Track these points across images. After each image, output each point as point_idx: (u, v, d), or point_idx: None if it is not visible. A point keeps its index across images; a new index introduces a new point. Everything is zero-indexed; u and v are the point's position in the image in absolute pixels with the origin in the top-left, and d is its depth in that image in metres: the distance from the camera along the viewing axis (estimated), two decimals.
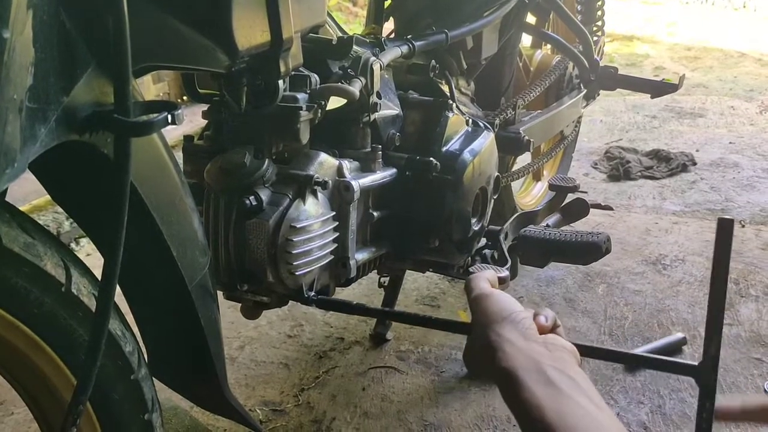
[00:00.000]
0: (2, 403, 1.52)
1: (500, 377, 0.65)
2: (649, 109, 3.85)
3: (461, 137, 1.30)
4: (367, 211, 1.19)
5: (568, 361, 0.66)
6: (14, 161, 0.55)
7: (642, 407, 1.50)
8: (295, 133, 1.01)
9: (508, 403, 0.64)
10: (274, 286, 1.05)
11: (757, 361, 1.65)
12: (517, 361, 0.64)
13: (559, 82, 1.99)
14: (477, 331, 0.72)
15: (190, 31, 0.76)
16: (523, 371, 0.63)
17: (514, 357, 0.65)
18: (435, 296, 1.97)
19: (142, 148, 0.73)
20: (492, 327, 0.69)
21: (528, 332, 0.68)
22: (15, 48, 0.53)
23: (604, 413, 0.60)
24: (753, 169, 2.96)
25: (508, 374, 0.64)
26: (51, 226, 2.23)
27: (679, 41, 5.86)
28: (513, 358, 0.65)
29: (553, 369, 0.63)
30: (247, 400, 1.54)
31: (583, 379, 0.64)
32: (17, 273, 0.65)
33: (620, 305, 1.91)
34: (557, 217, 1.74)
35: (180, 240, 0.80)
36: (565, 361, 0.65)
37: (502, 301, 0.72)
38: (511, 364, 0.64)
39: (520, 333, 0.68)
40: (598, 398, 0.62)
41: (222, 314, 0.95)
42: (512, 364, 0.64)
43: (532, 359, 0.64)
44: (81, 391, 0.67)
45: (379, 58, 1.17)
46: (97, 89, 0.65)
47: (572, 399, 0.60)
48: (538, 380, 0.62)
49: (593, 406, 0.60)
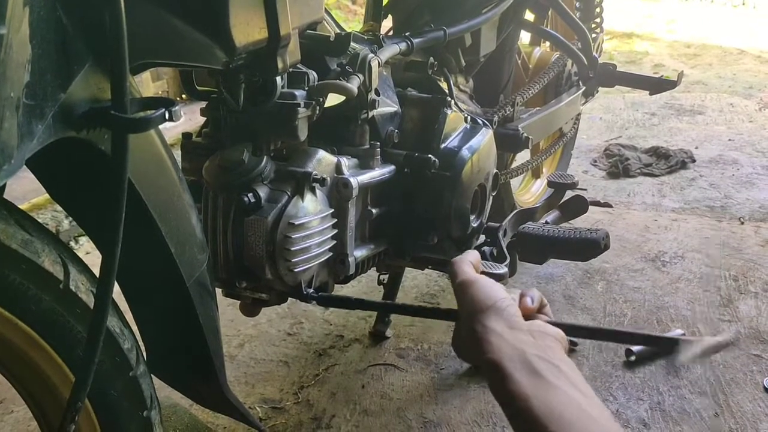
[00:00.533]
0: (2, 402, 1.53)
1: (486, 368, 0.65)
2: (648, 107, 3.85)
3: (460, 134, 1.30)
4: (366, 208, 1.19)
5: (554, 348, 0.65)
6: (11, 158, 0.55)
7: (641, 404, 1.50)
8: (293, 130, 1.01)
9: (495, 394, 0.64)
10: (273, 283, 1.05)
11: (756, 357, 1.65)
12: (502, 352, 0.64)
13: (558, 79, 1.99)
14: (463, 319, 0.72)
15: (187, 28, 0.76)
16: (508, 361, 0.63)
17: (499, 347, 0.65)
18: (434, 293, 1.97)
19: (139, 144, 0.73)
20: (477, 317, 0.69)
21: (513, 320, 0.68)
22: (12, 45, 0.53)
23: (590, 400, 0.60)
24: (752, 166, 2.96)
25: (493, 365, 0.64)
26: (50, 224, 2.23)
27: (678, 38, 5.86)
28: (498, 349, 0.65)
29: (539, 358, 0.63)
30: (246, 398, 1.54)
31: (569, 366, 0.64)
32: (15, 270, 0.65)
33: (619, 302, 1.91)
34: (556, 214, 1.74)
35: (178, 237, 0.80)
36: (551, 349, 0.65)
37: (486, 289, 0.72)
38: (496, 355, 0.64)
39: (504, 322, 0.67)
40: (584, 385, 0.62)
41: (221, 312, 0.96)
42: (497, 355, 0.64)
43: (517, 349, 0.64)
44: (79, 388, 0.67)
45: (378, 55, 1.17)
46: (95, 86, 0.65)
47: (558, 388, 0.60)
48: (523, 370, 0.62)
49: (579, 394, 0.60)
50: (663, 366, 1.61)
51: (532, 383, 0.61)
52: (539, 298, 0.74)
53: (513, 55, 1.80)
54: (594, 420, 0.58)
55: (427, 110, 1.28)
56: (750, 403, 1.50)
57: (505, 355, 0.64)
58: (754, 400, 1.51)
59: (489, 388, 0.65)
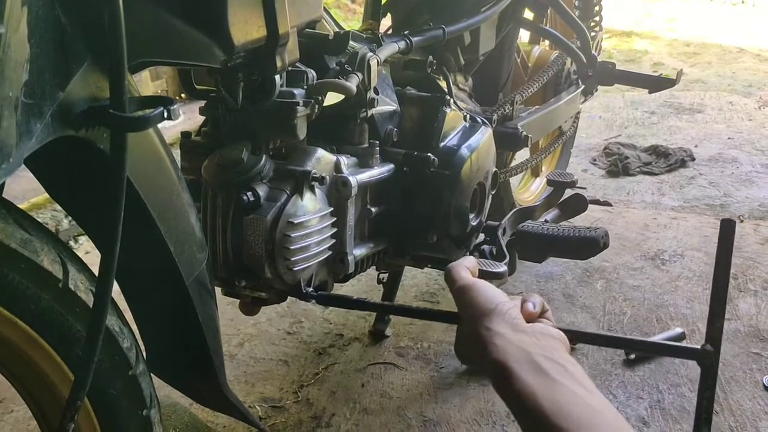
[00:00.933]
0: (2, 401, 1.53)
1: (492, 370, 0.65)
2: (647, 105, 3.85)
3: (459, 133, 1.30)
4: (365, 206, 1.19)
5: (558, 349, 0.66)
6: (9, 156, 0.55)
7: (641, 402, 1.50)
8: (292, 128, 1.01)
9: (502, 395, 0.64)
10: (272, 281, 1.05)
11: (755, 355, 1.65)
12: (507, 353, 0.65)
13: (557, 77, 2.00)
14: (465, 324, 0.72)
15: (185, 27, 0.76)
16: (514, 362, 0.64)
17: (505, 349, 0.65)
18: (434, 292, 1.97)
19: (138, 143, 0.73)
20: (480, 320, 0.69)
21: (516, 323, 0.68)
22: (10, 44, 0.53)
23: (597, 398, 0.61)
24: (751, 165, 2.96)
25: (499, 366, 0.64)
26: (50, 224, 2.23)
27: (678, 37, 5.86)
28: (503, 351, 0.65)
29: (544, 358, 0.64)
30: (246, 397, 1.54)
31: (574, 365, 0.64)
32: (14, 269, 0.65)
33: (619, 300, 1.91)
34: (555, 212, 1.74)
35: (177, 235, 0.80)
36: (555, 349, 0.66)
37: (486, 293, 0.72)
38: (502, 356, 0.65)
39: (508, 324, 0.68)
40: (590, 383, 0.63)
41: (221, 311, 0.96)
42: (503, 357, 0.65)
43: (522, 350, 0.65)
44: (79, 387, 0.67)
45: (376, 54, 1.17)
46: (93, 84, 0.65)
47: (565, 386, 0.61)
48: (529, 370, 0.62)
49: (586, 392, 0.61)
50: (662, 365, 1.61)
51: (538, 382, 0.61)
52: (541, 303, 0.75)
53: (512, 53, 1.80)
54: (601, 415, 0.59)
55: (427, 109, 1.28)
56: (749, 401, 1.50)
57: (510, 356, 0.64)
58: (753, 398, 1.51)
59: (495, 390, 0.66)
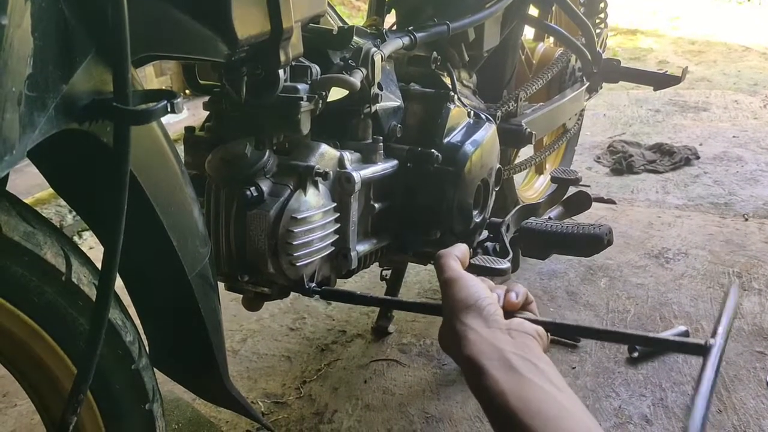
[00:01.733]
0: (6, 395, 1.53)
1: (464, 365, 0.66)
2: (652, 103, 3.84)
3: (463, 129, 1.30)
4: (369, 202, 1.19)
5: (531, 347, 0.66)
6: (13, 148, 0.55)
7: (644, 400, 1.50)
8: (295, 123, 1.01)
9: (473, 391, 0.65)
10: (275, 277, 1.05)
11: (759, 354, 1.64)
12: (479, 349, 0.65)
13: (562, 74, 1.99)
14: (445, 316, 0.72)
15: (189, 21, 0.76)
16: (485, 359, 0.64)
17: (477, 345, 0.65)
18: (437, 289, 1.97)
19: (141, 137, 0.73)
20: (458, 315, 0.69)
21: (492, 319, 0.68)
22: (14, 36, 0.53)
23: (567, 396, 0.61)
24: (756, 163, 2.95)
25: (471, 362, 0.65)
26: (54, 219, 2.24)
27: (683, 35, 5.84)
28: (476, 347, 0.65)
29: (516, 356, 0.64)
30: (249, 393, 1.54)
31: (546, 363, 0.64)
32: (17, 262, 0.65)
33: (622, 298, 1.90)
34: (559, 209, 1.73)
35: (180, 230, 0.80)
36: (528, 347, 0.66)
37: (468, 287, 0.72)
38: (474, 352, 0.65)
39: (483, 321, 0.68)
40: (561, 381, 0.63)
41: (224, 307, 0.95)
42: (475, 352, 0.65)
43: (494, 347, 0.65)
44: (81, 380, 0.67)
45: (381, 50, 1.16)
46: (97, 77, 0.65)
47: (535, 384, 0.61)
48: (500, 367, 0.62)
49: (556, 390, 0.61)
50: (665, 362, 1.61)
51: (508, 379, 0.61)
52: (524, 294, 0.75)
53: (516, 50, 1.79)
54: (570, 413, 0.59)
55: (430, 105, 1.28)
56: (753, 400, 1.49)
57: (482, 353, 0.64)
58: (757, 397, 1.50)
59: (467, 385, 0.66)
